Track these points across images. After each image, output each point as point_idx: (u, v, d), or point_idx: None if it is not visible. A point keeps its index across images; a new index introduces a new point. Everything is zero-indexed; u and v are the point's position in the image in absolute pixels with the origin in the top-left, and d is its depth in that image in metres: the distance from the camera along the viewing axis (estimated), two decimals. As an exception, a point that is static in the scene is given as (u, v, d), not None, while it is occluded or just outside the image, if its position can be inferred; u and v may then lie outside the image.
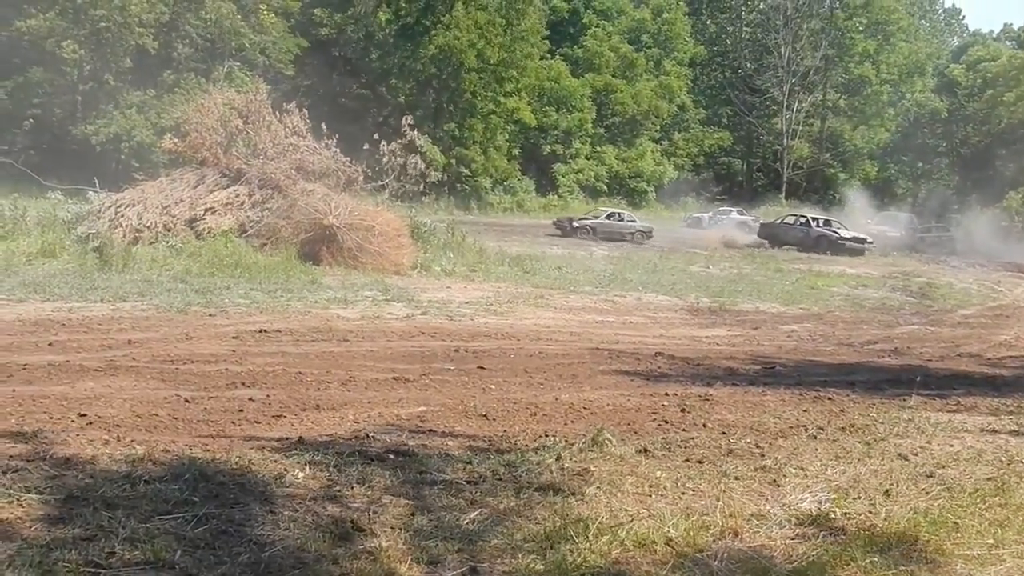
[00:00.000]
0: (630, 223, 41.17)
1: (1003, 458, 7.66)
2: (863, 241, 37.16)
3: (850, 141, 71.25)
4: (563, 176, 59.09)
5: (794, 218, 41.74)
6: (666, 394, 9.75)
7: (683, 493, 6.15)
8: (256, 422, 7.63)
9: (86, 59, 41.20)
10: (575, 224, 40.08)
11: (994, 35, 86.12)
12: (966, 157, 69.70)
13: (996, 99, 65.18)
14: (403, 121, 26.68)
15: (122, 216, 20.44)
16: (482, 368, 10.74)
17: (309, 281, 18.09)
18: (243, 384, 9.11)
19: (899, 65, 72.80)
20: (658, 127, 66.72)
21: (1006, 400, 10.49)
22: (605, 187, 59.96)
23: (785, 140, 70.07)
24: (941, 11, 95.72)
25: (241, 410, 7.98)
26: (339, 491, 5.78)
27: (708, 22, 74.45)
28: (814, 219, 40.29)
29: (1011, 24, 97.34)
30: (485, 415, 8.28)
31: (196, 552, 4.75)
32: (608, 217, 41.21)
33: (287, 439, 7.01)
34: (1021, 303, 25.72)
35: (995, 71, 66.02)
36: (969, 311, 23.13)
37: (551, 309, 17.53)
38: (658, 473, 6.52)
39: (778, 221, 41.91)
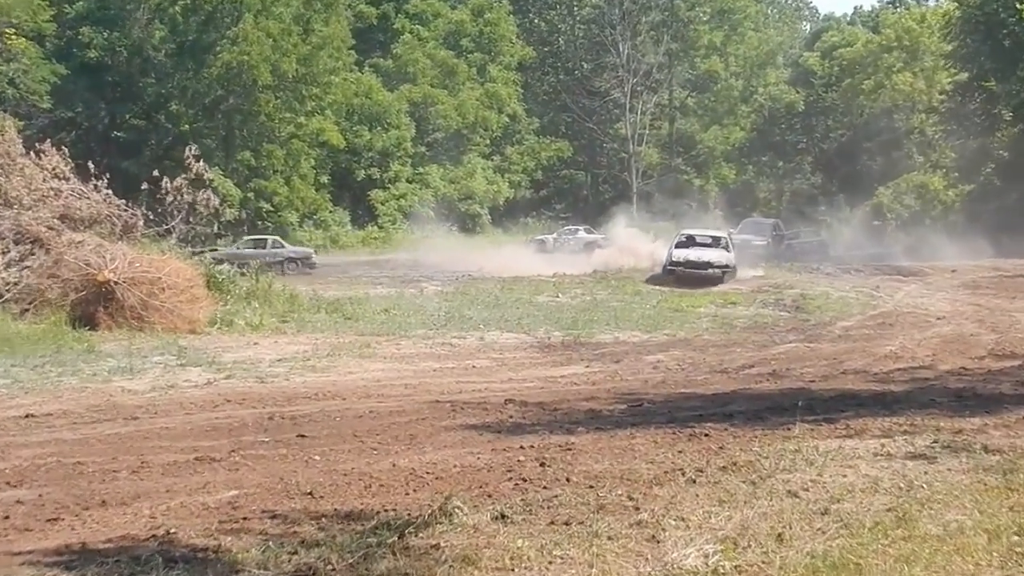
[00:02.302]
0: (277, 250, 41.16)
1: (901, 484, 7.88)
2: (708, 266, 33.94)
3: (703, 143, 73.69)
4: (382, 204, 59.03)
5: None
6: (521, 447, 9.68)
7: (550, 563, 6.07)
8: (27, 530, 7.20)
9: None
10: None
11: (848, 18, 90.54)
12: (829, 153, 73.02)
13: (855, 88, 68.43)
14: (187, 152, 26.14)
15: None
16: (303, 436, 10.49)
17: (85, 350, 17.40)
18: (8, 484, 8.60)
19: (749, 57, 75.85)
20: (488, 141, 67.50)
21: (898, 419, 10.85)
22: (431, 212, 60.17)
23: (631, 146, 71.86)
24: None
25: (7, 516, 7.51)
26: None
27: (536, 20, 75.69)
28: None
29: (861, 6, 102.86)
30: (310, 493, 8.05)
31: None
32: (256, 246, 40.81)
33: (67, 548, 6.62)
34: (903, 309, 26.92)
35: (851, 57, 69.29)
36: (849, 322, 24.06)
37: (380, 359, 17.36)
38: (519, 542, 6.42)
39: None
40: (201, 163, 26.54)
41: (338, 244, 55.28)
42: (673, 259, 34.42)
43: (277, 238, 44.23)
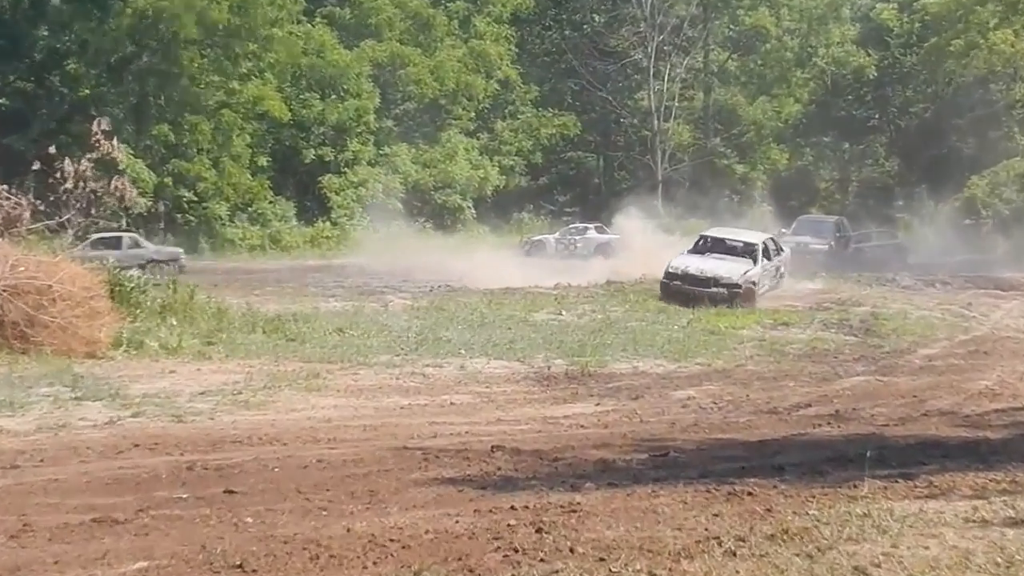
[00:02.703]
0: (135, 250, 41.13)
1: (999, 559, 7.86)
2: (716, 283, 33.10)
3: (747, 118, 73.59)
4: (337, 193, 58.90)
5: None
6: (513, 508, 9.66)
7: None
8: None
9: None
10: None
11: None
12: (908, 132, 73.04)
13: (941, 49, 68.01)
14: (95, 126, 26.11)
15: None
16: (231, 492, 10.46)
17: (-49, 379, 17.37)
18: None
19: (806, 9, 75.78)
20: (472, 114, 67.45)
21: (995, 474, 10.84)
22: (399, 205, 60.11)
23: (656, 122, 71.80)
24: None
25: None
26: None
27: (535, -41, 75.76)
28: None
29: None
30: (240, 566, 8.03)
31: None
32: (108, 245, 40.42)
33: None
34: (1002, 333, 26.93)
35: (936, 11, 68.92)
36: (933, 350, 24.06)
37: (332, 394, 17.31)
38: (509, 632, 6.40)
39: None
40: (115, 141, 26.49)
41: (280, 244, 55.19)
42: (669, 268, 33.61)
43: (135, 235, 43.90)
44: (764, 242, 35.74)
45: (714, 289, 32.33)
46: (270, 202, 56.99)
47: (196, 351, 21.40)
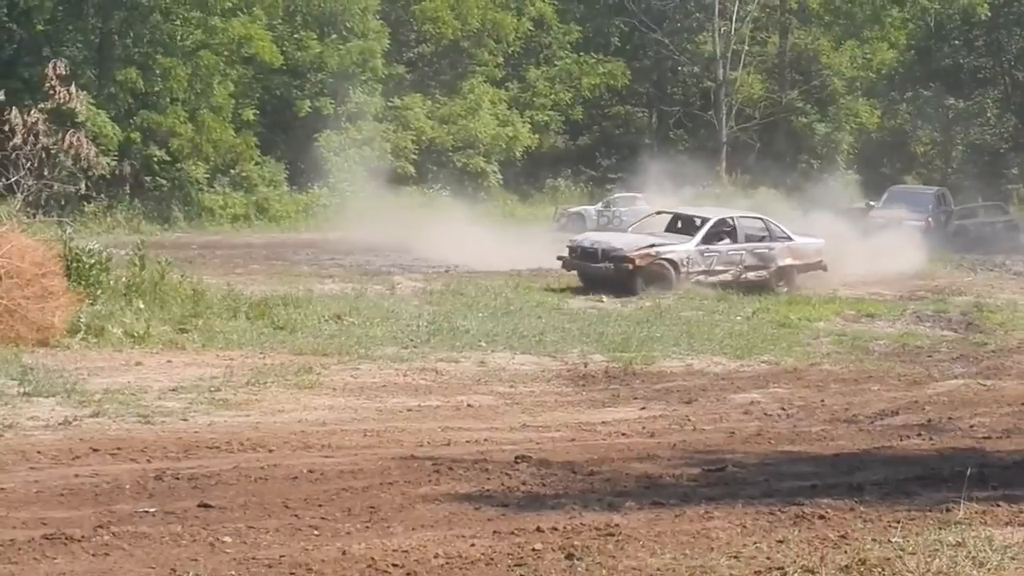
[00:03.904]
0: None
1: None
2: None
3: (831, 67, 73.20)
4: (336, 154, 58.85)
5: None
6: (539, 529, 9.74)
7: None
8: None
9: None
10: None
11: None
12: (1025, 86, 72.67)
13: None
14: (48, 69, 26.19)
15: None
16: (207, 507, 10.57)
17: None
18: None
19: (905, -66, 75.37)
20: (500, 59, 67.32)
21: (1117, 499, 10.90)
22: (411, 168, 60.05)
23: (722, 71, 71.50)
24: None
25: None
26: None
27: None
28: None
29: None
30: (216, 593, 8.15)
31: None
32: None
33: None
34: None
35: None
36: (1048, 349, 24.04)
37: (327, 392, 17.37)
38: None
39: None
40: (73, 88, 26.58)
41: (268, 214, 55.05)
42: (569, 242, 34.12)
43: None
44: (724, 220, 34.86)
45: (601, 265, 32.03)
46: (257, 163, 56.74)
47: (167, 340, 21.44)
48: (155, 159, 52.79)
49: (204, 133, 53.38)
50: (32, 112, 25.34)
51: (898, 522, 9.99)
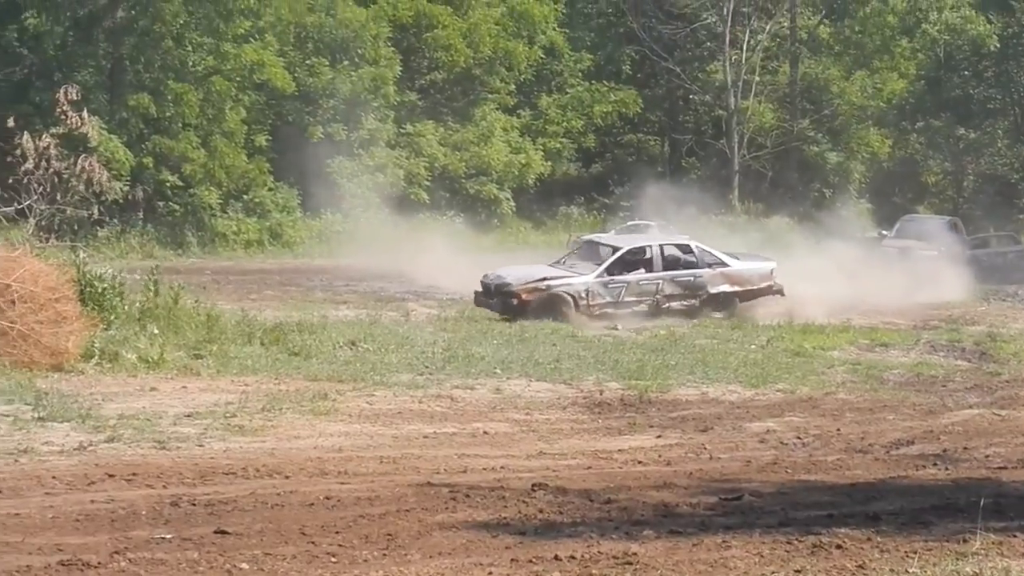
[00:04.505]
0: None
1: None
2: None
3: (843, 96, 73.23)
4: (349, 180, 58.88)
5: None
6: (556, 558, 9.74)
7: None
8: None
9: None
10: None
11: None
12: (1037, 116, 72.60)
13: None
14: (60, 94, 26.24)
15: None
16: (223, 533, 10.59)
17: None
18: None
19: (915, -36, 75.45)
20: (512, 87, 67.38)
21: None
22: (424, 195, 60.09)
23: (733, 100, 71.53)
24: None
25: None
26: None
27: (589, -99, 75.70)
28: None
29: None
30: (233, 621, 8.15)
31: None
32: None
33: None
34: None
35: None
36: (1062, 379, 23.99)
37: (343, 418, 17.40)
38: None
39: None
40: (84, 113, 26.63)
41: (281, 240, 55.09)
42: (482, 277, 33.47)
43: None
44: (637, 249, 34.34)
45: (494, 300, 31.96)
46: (270, 189, 56.75)
47: (181, 365, 21.49)
48: (168, 184, 52.81)
49: (217, 159, 53.42)
50: (44, 137, 25.38)
51: (915, 552, 9.99)
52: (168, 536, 10.49)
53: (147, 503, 11.72)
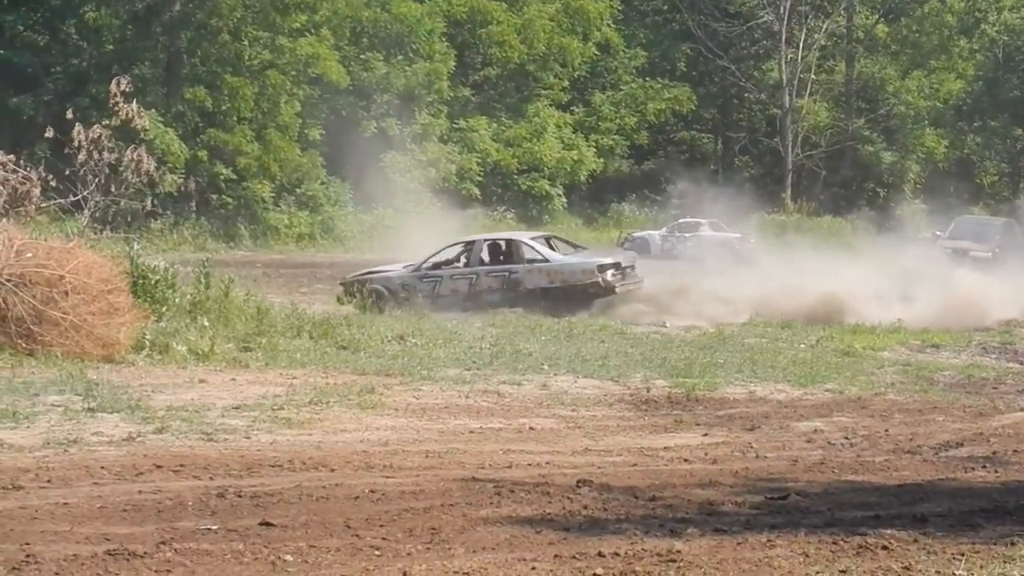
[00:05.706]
0: None
1: None
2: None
3: (899, 96, 72.90)
4: (401, 175, 58.95)
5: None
6: (600, 554, 9.72)
7: None
8: None
9: None
10: None
11: None
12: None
13: None
14: (113, 86, 26.33)
15: None
16: (268, 525, 10.61)
17: (-57, 383, 17.68)
18: None
19: (974, -36, 75.05)
20: (565, 83, 67.33)
21: None
22: (476, 189, 60.06)
23: (788, 99, 71.37)
24: None
25: None
26: None
27: None
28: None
29: None
30: (277, 611, 8.16)
31: None
32: None
33: None
34: None
35: None
36: (1116, 382, 23.79)
37: (389, 412, 17.38)
38: None
39: None
40: (135, 104, 26.69)
41: (333, 234, 55.26)
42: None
43: None
44: (465, 244, 35.45)
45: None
46: (322, 183, 56.95)
47: (231, 358, 21.54)
48: (221, 177, 53.08)
49: (270, 152, 53.65)
50: (95, 127, 25.42)
51: (962, 555, 9.91)
52: (214, 527, 10.52)
53: (194, 494, 11.75)
